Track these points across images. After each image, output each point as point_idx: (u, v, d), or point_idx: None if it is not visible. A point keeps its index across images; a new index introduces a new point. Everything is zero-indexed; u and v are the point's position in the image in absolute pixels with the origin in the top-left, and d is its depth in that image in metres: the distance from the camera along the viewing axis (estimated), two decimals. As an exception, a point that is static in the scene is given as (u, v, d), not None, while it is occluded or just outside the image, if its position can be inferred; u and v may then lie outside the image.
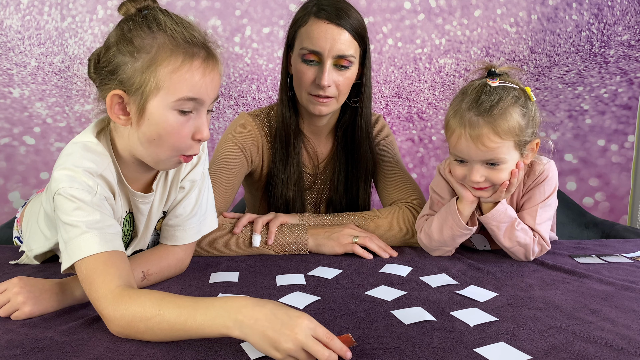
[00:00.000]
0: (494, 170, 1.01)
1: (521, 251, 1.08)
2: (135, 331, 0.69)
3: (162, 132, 0.79)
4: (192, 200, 0.99)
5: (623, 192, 2.21)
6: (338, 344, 0.63)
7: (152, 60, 0.76)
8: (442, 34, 2.13)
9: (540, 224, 1.07)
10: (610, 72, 2.14)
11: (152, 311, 0.68)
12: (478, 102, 0.97)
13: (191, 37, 0.78)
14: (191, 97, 0.78)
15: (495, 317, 0.78)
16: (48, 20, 1.96)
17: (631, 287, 0.91)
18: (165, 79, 0.76)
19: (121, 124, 0.81)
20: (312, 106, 1.20)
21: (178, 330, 0.67)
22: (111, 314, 0.70)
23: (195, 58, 0.77)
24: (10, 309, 0.76)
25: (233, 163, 1.24)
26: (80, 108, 2.01)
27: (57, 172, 0.78)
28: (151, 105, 0.77)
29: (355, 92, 1.26)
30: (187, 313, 0.67)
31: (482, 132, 0.96)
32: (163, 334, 0.68)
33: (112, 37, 0.79)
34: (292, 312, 0.64)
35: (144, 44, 0.76)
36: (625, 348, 0.67)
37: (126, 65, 0.77)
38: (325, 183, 1.37)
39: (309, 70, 1.16)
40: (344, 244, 1.13)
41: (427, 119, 2.18)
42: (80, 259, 0.74)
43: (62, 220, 0.76)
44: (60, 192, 0.77)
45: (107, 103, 0.79)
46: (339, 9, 1.14)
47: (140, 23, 0.77)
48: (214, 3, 2.02)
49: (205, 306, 0.66)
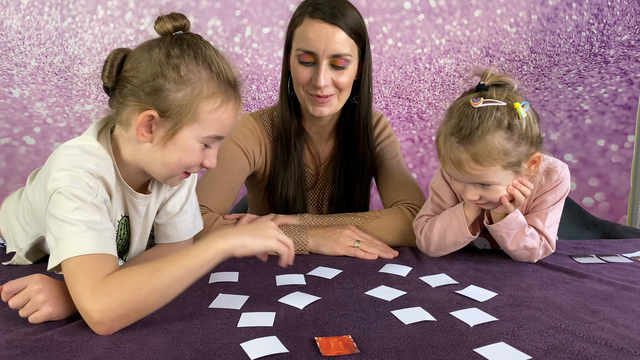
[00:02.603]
0: (487, 191, 0.98)
1: (525, 254, 1.07)
2: (136, 301, 0.70)
3: (183, 158, 0.83)
4: (182, 199, 1.00)
5: (623, 192, 2.21)
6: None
7: (195, 95, 0.79)
8: (442, 34, 2.13)
9: (548, 227, 1.06)
10: (610, 72, 2.14)
11: (148, 271, 0.72)
12: (459, 126, 0.93)
13: (231, 77, 0.83)
14: (219, 135, 0.84)
15: (495, 317, 0.78)
16: (48, 20, 1.96)
17: (631, 287, 0.91)
18: (203, 116, 0.80)
19: (143, 141, 0.82)
20: (312, 107, 1.20)
21: (180, 273, 0.73)
22: (95, 303, 0.69)
23: (230, 100, 0.83)
24: (31, 309, 0.74)
25: (235, 164, 1.24)
26: (80, 108, 2.01)
27: (57, 173, 0.78)
28: (182, 134, 0.81)
29: (356, 89, 1.25)
30: (182, 256, 0.75)
31: (461, 159, 0.93)
32: (167, 286, 0.72)
33: (155, 56, 0.79)
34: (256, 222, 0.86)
35: (190, 77, 0.79)
36: (625, 348, 0.67)
37: (169, 92, 0.78)
38: (327, 183, 1.37)
39: (306, 70, 1.16)
40: (343, 245, 1.13)
41: (427, 119, 2.18)
42: (71, 257, 0.73)
43: (58, 218, 0.75)
44: (60, 191, 0.76)
45: (138, 119, 0.80)
46: (334, 7, 1.13)
47: (187, 52, 0.79)
48: (214, 3, 2.02)
49: (196, 246, 0.77)
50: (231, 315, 0.78)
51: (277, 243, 0.81)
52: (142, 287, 0.71)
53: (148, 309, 0.72)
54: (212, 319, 0.77)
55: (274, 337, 0.70)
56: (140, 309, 0.71)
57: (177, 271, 0.73)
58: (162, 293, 0.72)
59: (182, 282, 0.74)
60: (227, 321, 0.76)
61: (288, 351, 0.66)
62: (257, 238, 0.79)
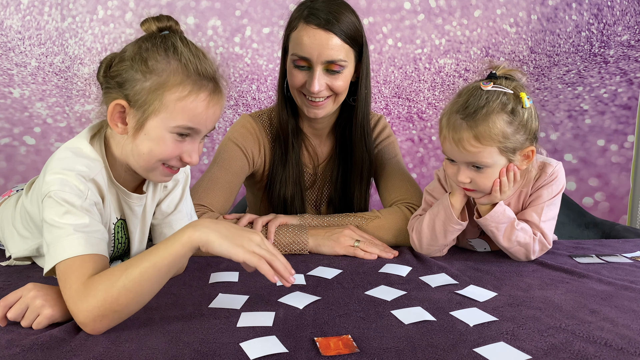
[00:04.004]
0: (479, 174, 1.00)
1: (521, 251, 1.08)
2: (110, 302, 0.69)
3: (154, 149, 0.82)
4: (176, 198, 1.00)
5: (623, 192, 2.21)
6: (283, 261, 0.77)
7: (161, 84, 0.79)
8: (442, 34, 2.13)
9: (545, 222, 1.07)
10: (610, 72, 2.14)
11: (119, 270, 0.71)
12: (465, 105, 0.97)
13: (203, 69, 0.81)
14: (190, 126, 0.81)
15: (494, 317, 0.78)
16: (48, 20, 1.96)
17: (631, 287, 0.91)
18: (170, 104, 0.79)
19: (118, 132, 0.83)
20: (307, 109, 1.20)
21: (148, 269, 0.70)
22: (77, 307, 0.69)
23: (202, 90, 0.80)
24: (31, 315, 0.73)
25: (234, 164, 1.24)
26: (80, 108, 2.01)
27: (49, 176, 0.79)
28: (150, 124, 0.81)
29: (354, 90, 1.26)
30: (150, 252, 0.72)
31: (462, 136, 0.96)
32: (136, 283, 0.70)
33: (129, 51, 0.81)
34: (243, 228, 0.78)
35: (157, 66, 0.79)
36: (625, 348, 0.67)
37: (135, 81, 0.79)
38: (326, 183, 1.37)
39: (300, 74, 1.16)
40: (343, 245, 1.13)
41: (427, 119, 2.18)
42: (62, 260, 0.73)
43: (49, 223, 0.76)
44: (51, 195, 0.77)
45: (108, 110, 0.82)
46: (329, 12, 1.12)
47: (159, 45, 0.80)
48: (214, 3, 2.02)
49: (165, 240, 0.74)
50: (231, 315, 0.78)
51: (246, 254, 0.73)
52: (113, 287, 0.70)
53: (125, 309, 0.71)
54: (212, 318, 0.77)
55: (274, 337, 0.70)
56: (115, 309, 0.70)
57: (145, 267, 0.71)
58: (134, 292, 0.70)
59: (152, 279, 0.71)
60: (227, 321, 0.76)
61: (288, 351, 0.66)
62: (226, 241, 0.73)
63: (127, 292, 0.70)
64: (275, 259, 0.76)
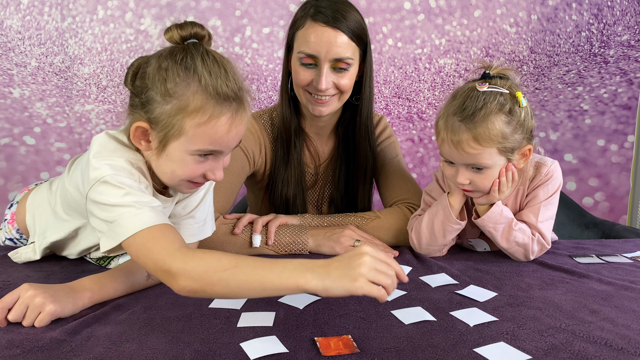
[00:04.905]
0: (478, 175, 1.00)
1: (520, 251, 1.08)
2: (206, 283, 0.69)
3: (176, 170, 0.83)
4: (193, 204, 1.00)
5: (623, 192, 2.21)
6: (397, 267, 0.71)
7: (180, 109, 0.77)
8: (442, 34, 2.13)
9: (542, 222, 1.07)
10: (610, 72, 2.14)
11: (228, 263, 0.69)
12: (462, 107, 0.97)
13: (224, 91, 0.78)
14: (211, 150, 0.81)
15: (495, 317, 0.78)
16: (48, 20, 1.96)
17: (631, 287, 0.91)
18: (190, 130, 0.78)
19: (142, 149, 0.84)
20: (312, 107, 1.20)
21: (254, 282, 0.68)
22: (182, 266, 0.69)
23: (222, 114, 0.78)
24: (32, 314, 0.73)
25: (235, 165, 1.24)
26: (80, 108, 2.01)
27: (98, 162, 0.79)
28: (172, 147, 0.80)
29: (357, 89, 1.26)
30: (264, 267, 0.69)
31: (462, 138, 0.96)
32: (237, 286, 0.68)
33: (151, 67, 0.79)
34: (351, 253, 0.70)
35: (176, 90, 0.77)
36: (625, 348, 0.67)
37: (156, 104, 0.78)
38: (327, 182, 1.37)
39: (307, 72, 1.16)
40: (344, 245, 1.13)
41: (427, 119, 2.18)
42: (135, 232, 0.74)
43: (108, 204, 0.76)
44: (106, 179, 0.77)
45: (131, 130, 0.81)
46: (336, 10, 1.13)
47: (179, 65, 0.78)
48: (214, 3, 2.02)
49: (283, 265, 0.69)
50: (231, 315, 0.78)
51: (365, 285, 0.66)
52: (216, 273, 0.69)
53: (213, 295, 0.71)
54: (212, 318, 0.77)
55: (274, 337, 0.70)
56: (206, 290, 0.70)
57: (253, 278, 0.69)
58: (231, 289, 0.70)
59: (251, 292, 0.70)
60: (227, 321, 0.76)
61: (288, 351, 0.66)
62: (342, 280, 0.67)
63: (225, 286, 0.69)
64: (391, 274, 0.70)
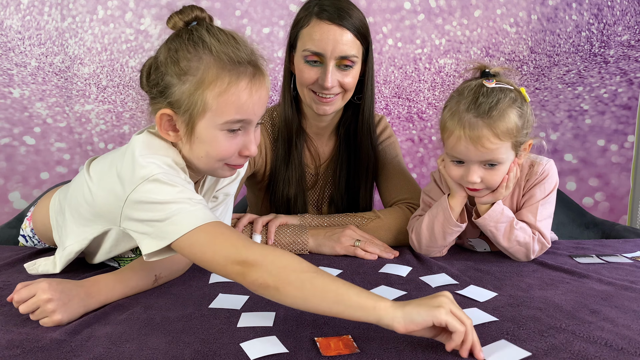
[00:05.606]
0: (490, 171, 1.01)
1: (521, 251, 1.07)
2: (281, 280, 0.67)
3: (210, 151, 0.81)
4: (212, 203, 1.00)
5: (623, 192, 2.21)
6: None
7: (199, 83, 0.77)
8: (442, 34, 2.13)
9: (541, 221, 1.07)
10: (610, 72, 2.14)
11: (308, 267, 0.69)
12: (477, 103, 0.97)
13: (237, 56, 0.78)
14: (238, 119, 0.79)
15: (495, 317, 0.78)
16: (48, 20, 1.96)
17: (631, 287, 0.91)
18: (213, 102, 0.77)
19: (171, 140, 0.83)
20: (316, 106, 1.20)
21: (329, 292, 0.66)
22: (260, 258, 0.69)
23: (241, 79, 0.78)
24: (41, 315, 0.74)
25: None
26: (80, 108, 2.01)
27: (144, 160, 0.78)
28: (200, 126, 0.79)
29: (358, 88, 1.26)
30: (343, 282, 0.68)
31: (481, 133, 0.96)
32: (311, 292, 0.67)
33: (161, 56, 0.80)
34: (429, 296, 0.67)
35: (190, 65, 0.77)
36: (625, 348, 0.67)
37: (174, 86, 0.78)
38: (327, 182, 1.37)
39: (312, 70, 1.16)
40: (344, 245, 1.13)
41: (427, 119, 2.18)
42: (195, 228, 0.72)
43: (160, 202, 0.74)
44: (157, 178, 0.76)
45: (156, 121, 0.81)
46: (341, 8, 1.13)
47: (186, 43, 0.78)
48: (214, 3, 2.02)
49: (362, 288, 0.68)
50: (231, 315, 0.78)
51: (447, 315, 0.64)
52: (294, 272, 0.68)
53: (281, 295, 0.68)
54: (212, 319, 0.77)
55: (274, 337, 0.70)
56: (278, 287, 0.68)
57: (330, 288, 0.67)
58: (304, 294, 0.68)
59: (324, 301, 0.67)
60: (227, 321, 0.76)
61: (288, 351, 0.66)
62: (423, 306, 0.65)
63: (299, 288, 0.68)
64: (468, 322, 0.65)
